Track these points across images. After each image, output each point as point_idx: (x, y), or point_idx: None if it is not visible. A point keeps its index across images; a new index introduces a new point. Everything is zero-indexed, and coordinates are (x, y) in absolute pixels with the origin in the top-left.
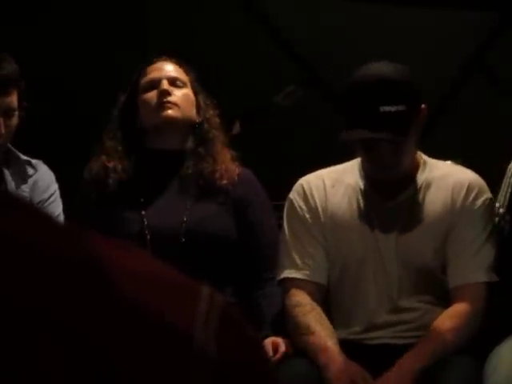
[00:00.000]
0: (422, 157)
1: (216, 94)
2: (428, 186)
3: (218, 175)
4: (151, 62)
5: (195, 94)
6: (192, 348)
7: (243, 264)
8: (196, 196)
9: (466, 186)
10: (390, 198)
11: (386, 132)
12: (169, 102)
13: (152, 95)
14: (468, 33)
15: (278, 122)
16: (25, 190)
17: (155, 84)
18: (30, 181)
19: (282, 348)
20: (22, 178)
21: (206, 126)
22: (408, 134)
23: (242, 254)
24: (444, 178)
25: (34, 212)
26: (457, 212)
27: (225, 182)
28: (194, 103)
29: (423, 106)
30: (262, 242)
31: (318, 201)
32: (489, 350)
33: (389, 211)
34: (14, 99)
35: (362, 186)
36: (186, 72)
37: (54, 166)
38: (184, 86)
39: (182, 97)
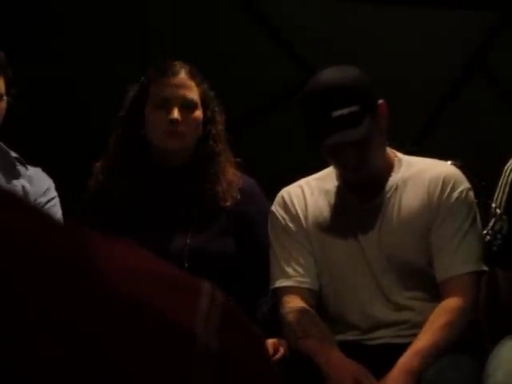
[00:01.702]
0: (397, 155)
1: (215, 94)
2: (405, 183)
3: (220, 196)
4: (163, 71)
5: (205, 108)
6: (194, 344)
7: (246, 277)
8: (198, 218)
9: (441, 180)
10: (368, 199)
11: (340, 134)
12: (177, 132)
13: (161, 117)
14: (468, 33)
15: (278, 122)
16: (16, 184)
17: (166, 105)
18: (24, 179)
19: (282, 349)
20: (12, 173)
21: (211, 142)
22: (364, 130)
23: (246, 267)
24: (420, 174)
25: (29, 209)
26: (435, 206)
27: (227, 204)
28: (201, 123)
29: (380, 101)
30: (265, 254)
31: (299, 209)
32: (489, 349)
33: (368, 213)
34: (1, 84)
35: (340, 191)
36: (198, 84)
37: (55, 175)
38: (195, 107)
39: (190, 124)
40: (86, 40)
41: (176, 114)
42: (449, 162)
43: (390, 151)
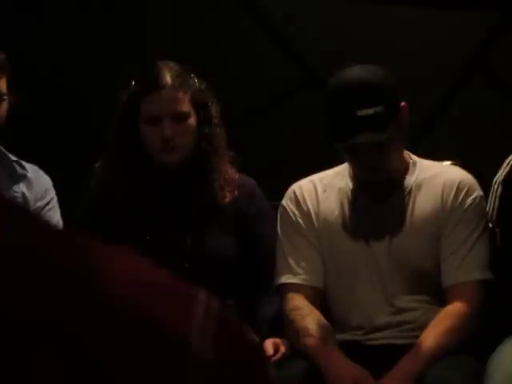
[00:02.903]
0: (412, 157)
1: (214, 92)
2: (418, 186)
3: (218, 194)
4: (151, 85)
5: (197, 110)
6: (189, 354)
7: (246, 277)
8: (198, 218)
9: (455, 185)
10: (381, 200)
11: (365, 135)
12: (172, 148)
13: (154, 133)
14: (468, 33)
15: (278, 121)
16: (16, 190)
17: (156, 121)
18: (23, 184)
19: (283, 349)
20: (13, 177)
21: (204, 142)
22: (389, 133)
23: (246, 268)
24: (434, 178)
25: (27, 216)
26: (447, 211)
27: (226, 200)
28: (196, 127)
29: (403, 103)
30: (265, 255)
31: (310, 206)
32: (490, 350)
33: (380, 214)
34: (3, 84)
35: (353, 190)
36: (187, 90)
37: (55, 175)
38: (187, 117)
39: (184, 135)
40: (86, 40)
41: (168, 131)
42: (449, 162)
43: (405, 153)
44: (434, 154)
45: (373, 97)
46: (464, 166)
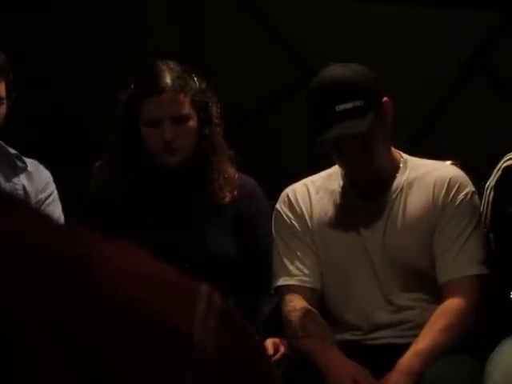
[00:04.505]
0: (403, 156)
1: (213, 90)
2: (410, 184)
3: (218, 194)
4: (151, 88)
5: (198, 111)
6: (192, 347)
7: (246, 277)
8: (198, 218)
9: (446, 182)
10: (373, 199)
11: (344, 125)
12: (173, 149)
13: (154, 135)
14: (468, 33)
15: (277, 121)
16: (17, 182)
17: (157, 124)
18: (23, 176)
19: (283, 349)
20: (13, 170)
21: (203, 143)
22: (369, 124)
23: (246, 267)
24: (426, 176)
25: (28, 210)
26: (439, 209)
27: (226, 200)
28: (197, 128)
29: (385, 99)
30: (265, 255)
31: (304, 208)
32: (489, 350)
33: (373, 213)
34: (2, 88)
35: (345, 190)
36: (187, 92)
37: (54, 174)
38: (187, 119)
39: (185, 137)
40: (86, 40)
41: (168, 134)
42: (449, 162)
43: (395, 151)
44: (434, 154)
45: (351, 92)
46: (464, 166)
